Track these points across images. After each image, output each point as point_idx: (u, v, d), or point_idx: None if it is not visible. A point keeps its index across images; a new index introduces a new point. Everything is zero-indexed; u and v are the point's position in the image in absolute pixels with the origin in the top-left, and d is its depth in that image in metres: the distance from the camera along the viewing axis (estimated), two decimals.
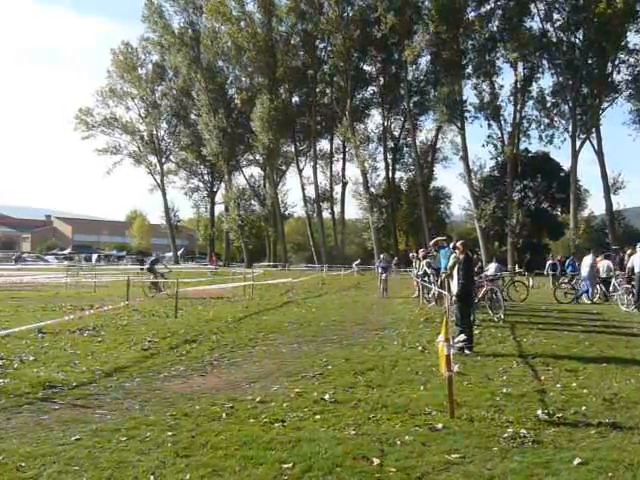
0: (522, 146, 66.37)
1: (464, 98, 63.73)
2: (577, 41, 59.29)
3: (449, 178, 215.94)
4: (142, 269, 33.76)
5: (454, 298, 11.80)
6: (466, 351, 10.99)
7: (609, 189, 58.20)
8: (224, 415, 6.86)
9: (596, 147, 58.51)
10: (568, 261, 29.99)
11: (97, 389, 8.14)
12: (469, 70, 63.94)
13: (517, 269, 44.94)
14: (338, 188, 79.63)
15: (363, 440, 5.90)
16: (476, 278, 15.61)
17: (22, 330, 11.55)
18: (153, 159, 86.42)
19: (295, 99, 77.25)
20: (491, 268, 21.65)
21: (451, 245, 16.71)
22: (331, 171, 78.92)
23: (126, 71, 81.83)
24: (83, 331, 13.38)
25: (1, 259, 75.80)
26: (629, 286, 20.00)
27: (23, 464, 5.23)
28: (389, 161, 75.04)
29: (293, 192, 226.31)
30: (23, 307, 19.06)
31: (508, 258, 60.35)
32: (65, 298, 23.14)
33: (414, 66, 69.59)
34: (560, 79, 60.10)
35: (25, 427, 6.40)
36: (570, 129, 59.78)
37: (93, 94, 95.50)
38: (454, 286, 12.06)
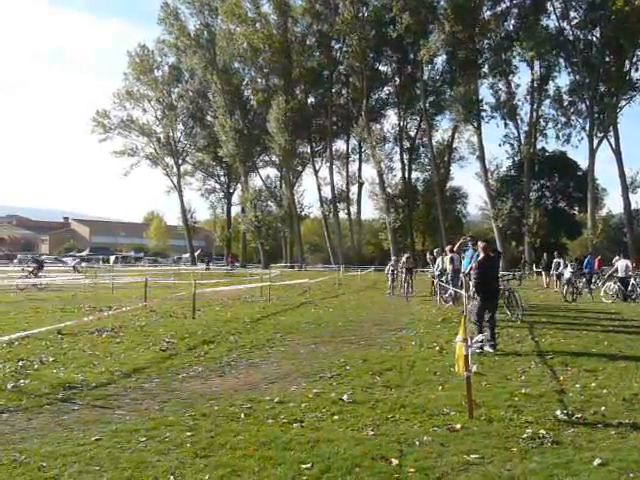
0: (539, 145, 66.18)
1: (480, 97, 63.56)
2: (594, 39, 58.96)
3: (465, 178, 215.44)
4: None
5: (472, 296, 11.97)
6: (487, 348, 11.02)
7: (627, 188, 57.77)
8: (243, 415, 6.88)
9: (614, 146, 58.15)
10: (586, 260, 29.82)
11: (116, 390, 8.19)
12: (485, 69, 63.78)
13: (534, 269, 44.67)
14: (354, 188, 79.70)
15: (382, 440, 5.90)
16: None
17: (41, 331, 11.64)
18: (170, 161, 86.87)
19: (311, 100, 77.33)
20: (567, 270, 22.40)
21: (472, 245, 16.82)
22: (347, 171, 78.95)
23: (142, 73, 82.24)
24: (102, 332, 13.46)
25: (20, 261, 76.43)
26: None
27: (44, 464, 5.28)
28: (405, 161, 74.90)
29: (309, 193, 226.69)
30: (42, 308, 19.19)
31: (525, 258, 60.11)
32: (83, 299, 23.28)
33: (430, 66, 69.46)
34: (577, 77, 59.77)
35: (46, 427, 6.45)
36: (587, 128, 59.46)
37: (110, 96, 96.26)
38: (474, 289, 12.34)
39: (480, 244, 12.79)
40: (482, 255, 12.24)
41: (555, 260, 29.95)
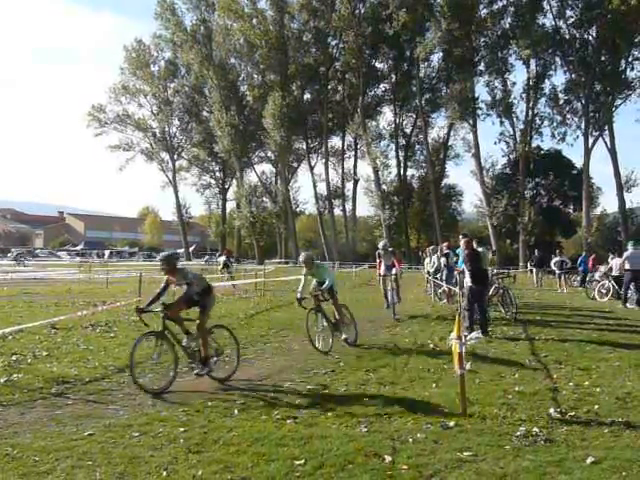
0: (534, 143, 66.18)
1: (476, 95, 63.76)
2: (590, 38, 59.13)
3: (461, 175, 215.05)
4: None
5: (467, 287, 13.12)
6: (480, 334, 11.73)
7: (622, 187, 57.93)
8: (236, 411, 6.88)
9: (609, 144, 58.32)
10: (580, 259, 29.85)
11: (110, 384, 8.19)
12: (481, 67, 64.01)
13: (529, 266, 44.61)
14: (349, 185, 79.55)
15: (375, 437, 5.91)
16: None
17: (35, 325, 11.64)
18: (165, 156, 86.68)
19: (307, 96, 77.21)
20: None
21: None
22: (343, 168, 78.86)
23: (139, 68, 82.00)
24: (95, 327, 13.45)
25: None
26: None
27: (37, 458, 5.27)
28: (401, 158, 74.91)
29: (305, 189, 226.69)
30: (36, 303, 19.16)
31: (520, 256, 60.22)
32: (77, 294, 23.25)
33: (426, 63, 69.51)
34: (573, 76, 59.86)
35: (39, 422, 6.45)
36: (583, 126, 59.60)
37: (106, 91, 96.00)
38: (466, 282, 13.21)
39: (462, 240, 14.02)
40: (466, 251, 13.44)
41: (557, 258, 29.69)
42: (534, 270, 33.27)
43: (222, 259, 28.89)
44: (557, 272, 29.30)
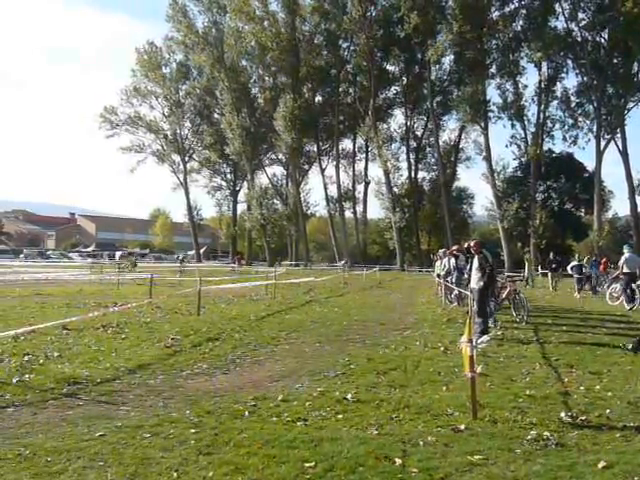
0: (546, 146, 66.22)
1: (488, 98, 63.73)
2: (602, 41, 59.00)
3: (472, 178, 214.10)
4: None
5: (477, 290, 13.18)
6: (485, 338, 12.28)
7: (634, 190, 57.73)
8: (247, 413, 6.87)
9: (621, 147, 58.11)
10: (591, 262, 29.68)
11: (121, 386, 8.19)
12: (493, 70, 63.93)
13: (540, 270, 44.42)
14: (360, 188, 79.96)
15: (385, 440, 5.89)
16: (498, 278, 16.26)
17: (47, 326, 11.67)
18: (176, 158, 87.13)
19: (318, 98, 77.49)
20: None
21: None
22: (354, 170, 79.20)
23: (150, 70, 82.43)
24: (107, 328, 13.47)
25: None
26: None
27: (49, 459, 5.28)
28: (412, 161, 75.04)
29: (315, 191, 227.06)
30: (48, 304, 19.23)
31: (531, 259, 60.03)
32: (89, 295, 23.32)
33: (437, 66, 69.66)
34: (585, 79, 59.73)
35: (51, 422, 6.46)
36: (594, 129, 59.42)
37: (117, 93, 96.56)
38: (473, 282, 13.40)
39: (472, 244, 14.18)
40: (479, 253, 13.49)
41: (574, 263, 29.28)
42: (549, 274, 32.90)
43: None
44: (576, 277, 28.61)
